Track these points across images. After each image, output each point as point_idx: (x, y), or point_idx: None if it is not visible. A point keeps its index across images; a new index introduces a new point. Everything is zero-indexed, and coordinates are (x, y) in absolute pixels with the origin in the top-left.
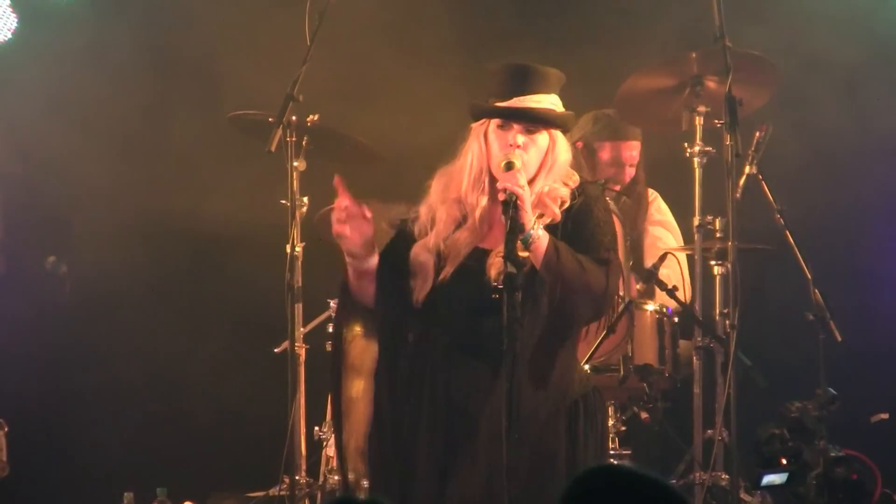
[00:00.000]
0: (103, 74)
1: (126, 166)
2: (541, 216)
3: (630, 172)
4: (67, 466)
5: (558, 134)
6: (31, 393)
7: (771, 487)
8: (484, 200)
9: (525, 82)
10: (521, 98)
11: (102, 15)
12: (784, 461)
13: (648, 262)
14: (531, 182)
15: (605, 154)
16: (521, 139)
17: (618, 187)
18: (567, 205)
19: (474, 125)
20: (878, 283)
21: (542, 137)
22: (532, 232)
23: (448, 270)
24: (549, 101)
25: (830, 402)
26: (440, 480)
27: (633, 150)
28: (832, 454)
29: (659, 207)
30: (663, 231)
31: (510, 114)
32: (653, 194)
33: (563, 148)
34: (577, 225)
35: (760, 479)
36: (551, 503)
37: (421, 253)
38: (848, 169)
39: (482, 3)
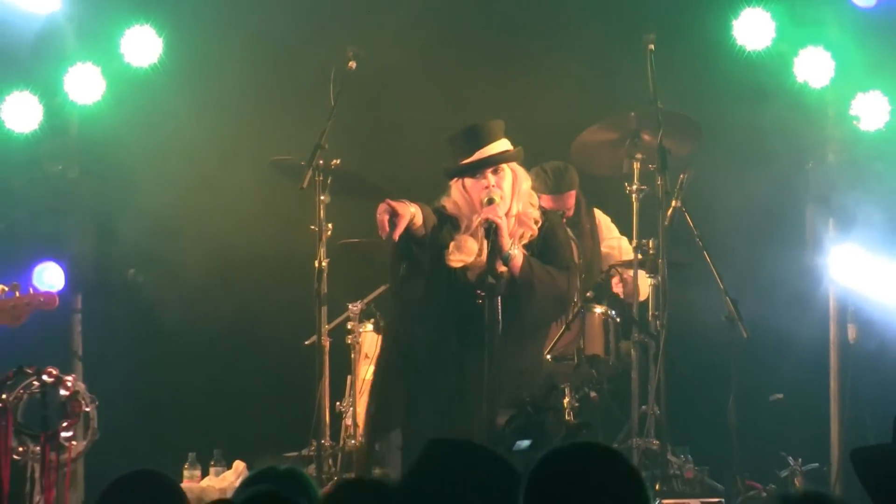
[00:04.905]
0: (173, 129)
1: (191, 205)
2: (522, 235)
3: (567, 214)
4: (146, 432)
5: (516, 166)
6: (118, 376)
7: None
8: (481, 233)
9: (480, 137)
10: (481, 150)
11: (175, 80)
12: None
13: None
14: (509, 205)
15: (547, 204)
16: (492, 179)
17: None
18: (540, 223)
19: (452, 182)
20: (779, 291)
21: (507, 172)
22: (510, 252)
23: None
24: (501, 146)
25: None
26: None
27: (570, 199)
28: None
29: (609, 226)
30: (623, 242)
31: (479, 164)
32: (598, 215)
33: (523, 176)
34: (545, 242)
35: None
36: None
37: (468, 239)
38: (753, 200)
39: (482, 60)
